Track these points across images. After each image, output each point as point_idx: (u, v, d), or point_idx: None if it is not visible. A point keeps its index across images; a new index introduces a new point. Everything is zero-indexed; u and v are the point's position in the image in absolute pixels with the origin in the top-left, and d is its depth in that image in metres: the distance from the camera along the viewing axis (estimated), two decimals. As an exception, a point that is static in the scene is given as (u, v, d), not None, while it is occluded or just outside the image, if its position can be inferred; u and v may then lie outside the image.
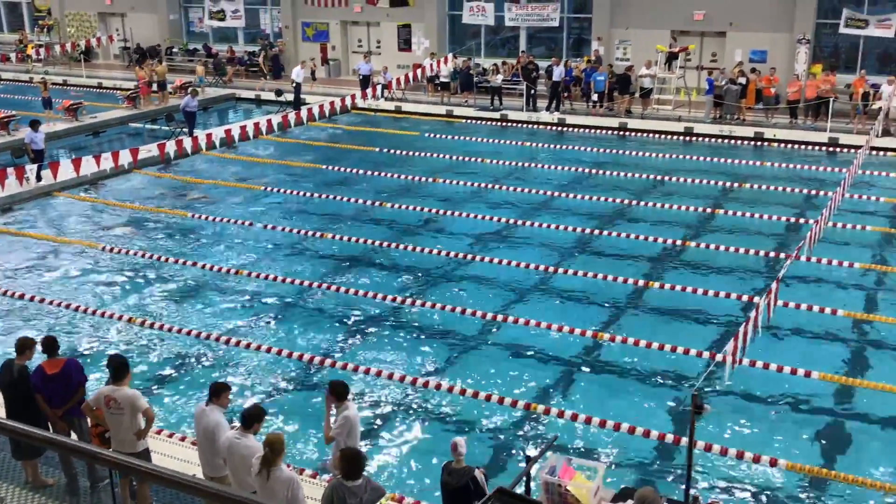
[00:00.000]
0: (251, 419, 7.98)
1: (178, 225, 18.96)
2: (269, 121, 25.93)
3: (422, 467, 10.18)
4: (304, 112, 26.85)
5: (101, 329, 13.84)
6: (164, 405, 11.56)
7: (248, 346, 13.06)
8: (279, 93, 30.76)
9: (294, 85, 29.76)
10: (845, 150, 23.72)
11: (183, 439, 10.32)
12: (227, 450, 7.94)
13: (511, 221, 18.61)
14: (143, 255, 16.84)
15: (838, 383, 11.88)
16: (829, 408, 11.45)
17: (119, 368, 8.60)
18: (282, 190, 21.09)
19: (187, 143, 23.76)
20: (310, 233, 18.01)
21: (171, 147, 23.33)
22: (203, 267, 16.21)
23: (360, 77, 31.42)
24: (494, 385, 11.94)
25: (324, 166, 23.24)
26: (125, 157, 21.47)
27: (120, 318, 14.06)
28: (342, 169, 22.87)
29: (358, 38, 36.02)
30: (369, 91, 29.04)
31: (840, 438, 10.85)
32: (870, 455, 10.40)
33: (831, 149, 24.27)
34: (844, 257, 16.00)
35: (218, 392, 8.40)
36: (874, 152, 22.60)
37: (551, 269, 15.95)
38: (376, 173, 22.43)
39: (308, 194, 20.78)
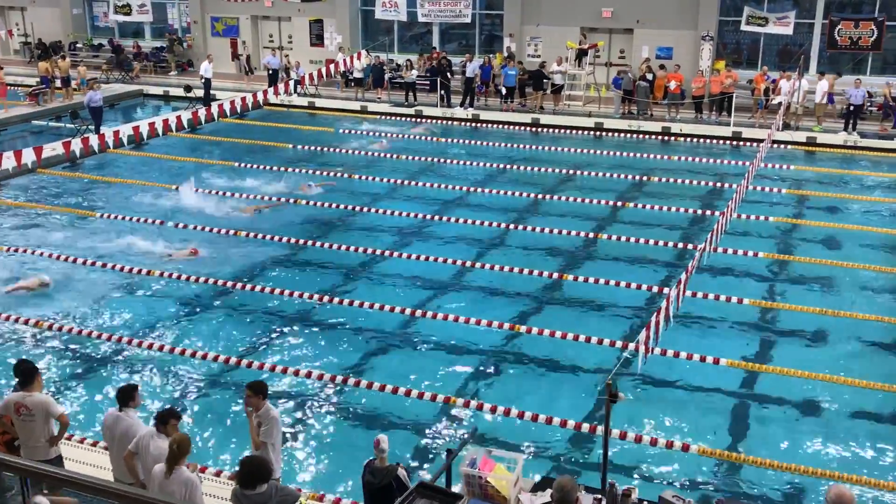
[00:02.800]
0: (165, 419, 7.87)
1: (87, 225, 18.42)
2: (178, 117, 25.36)
3: (343, 466, 10.14)
4: (214, 108, 26.37)
5: (5, 335, 13.36)
6: (74, 410, 11.24)
7: (161, 348, 12.79)
8: (188, 88, 30.13)
9: (203, 81, 29.18)
10: (748, 143, 24.54)
11: (95, 444, 10.06)
12: (143, 448, 7.81)
13: (428, 217, 18.68)
14: (49, 256, 16.30)
15: (745, 369, 12.33)
16: (737, 393, 11.87)
17: (27, 374, 8.35)
18: (194, 188, 20.68)
19: (94, 140, 23.08)
20: (223, 231, 17.73)
21: (76, 145, 22.63)
22: (113, 268, 15.79)
23: (270, 72, 31.04)
24: (414, 380, 11.98)
25: (236, 163, 22.89)
26: (28, 156, 20.69)
27: (27, 321, 13.61)
28: (256, 166, 22.56)
29: (269, 33, 35.57)
30: (281, 87, 28.72)
31: (747, 422, 11.26)
32: (775, 437, 10.82)
33: (735, 143, 25.08)
34: (749, 247, 16.59)
35: (128, 395, 8.24)
36: (775, 145, 23.43)
37: (468, 263, 16.09)
38: (291, 170, 22.20)
39: (221, 192, 20.44)
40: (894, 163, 23.20)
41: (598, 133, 26.34)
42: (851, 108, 24.66)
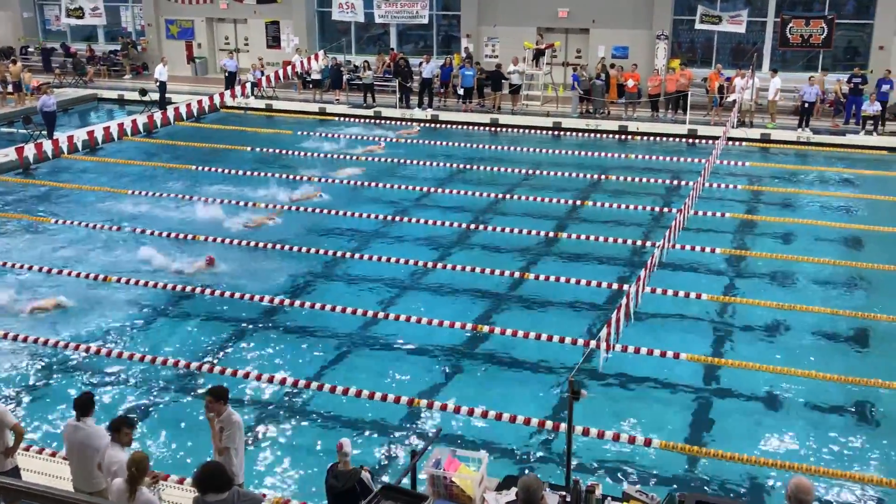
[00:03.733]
0: (118, 427, 7.81)
1: (43, 231, 18.12)
2: (133, 121, 25.08)
3: (307, 470, 10.10)
4: (170, 112, 26.07)
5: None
6: (29, 421, 11.06)
7: (119, 355, 12.61)
8: (143, 92, 29.77)
9: (159, 84, 28.84)
10: (704, 141, 24.87)
11: (54, 455, 9.90)
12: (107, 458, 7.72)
13: (388, 218, 18.65)
14: (2, 265, 16.01)
15: (704, 364, 12.48)
16: (698, 387, 12.00)
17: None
18: (150, 193, 20.44)
19: (47, 146, 22.71)
20: (181, 236, 17.54)
21: (30, 151, 22.24)
22: (69, 274, 15.55)
23: (227, 74, 30.78)
24: (377, 383, 11.94)
25: (193, 167, 22.66)
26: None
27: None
28: (214, 169, 22.36)
29: (225, 35, 35.27)
30: (238, 89, 28.49)
31: (708, 416, 11.39)
32: (735, 430, 10.97)
33: (691, 140, 25.40)
34: (707, 243, 16.80)
35: (86, 405, 8.13)
36: (731, 143, 23.77)
37: (429, 264, 16.09)
38: (249, 173, 22.03)
39: (179, 196, 20.22)
40: (846, 158, 23.65)
41: (556, 132, 26.50)
42: (805, 105, 25.08)
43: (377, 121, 28.16)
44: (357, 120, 28.32)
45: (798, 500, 6.54)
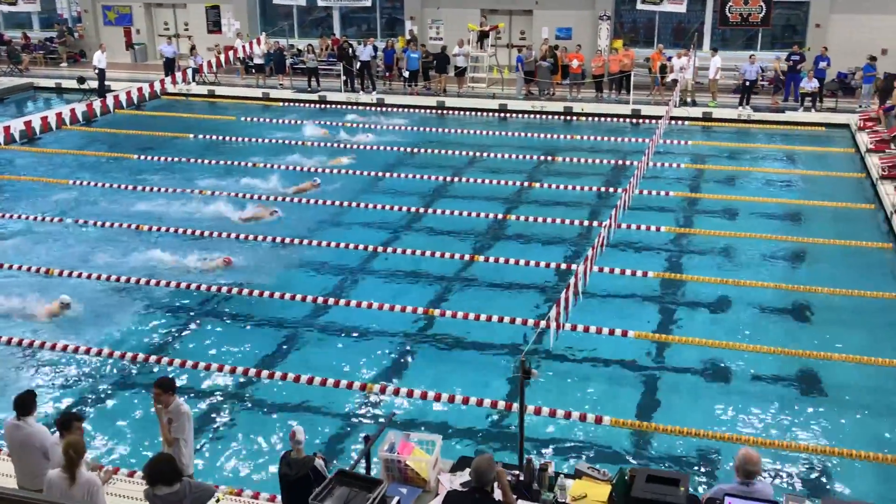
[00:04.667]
0: (68, 423, 7.64)
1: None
2: (72, 110, 24.54)
3: (260, 459, 10.04)
4: (110, 100, 25.55)
5: None
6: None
7: (64, 348, 12.36)
8: (81, 80, 29.09)
9: (97, 71, 28.19)
10: (647, 120, 25.13)
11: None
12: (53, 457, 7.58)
13: (337, 204, 18.53)
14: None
15: (652, 340, 12.67)
16: (646, 364, 12.19)
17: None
18: (92, 182, 20.03)
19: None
20: (125, 225, 17.23)
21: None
22: (10, 268, 15.19)
23: (165, 60, 30.21)
24: (329, 369, 11.90)
25: (135, 156, 22.25)
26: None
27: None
28: (156, 158, 21.98)
29: (164, 20, 34.62)
30: (179, 75, 27.99)
31: (657, 391, 11.57)
32: (684, 405, 11.17)
33: (635, 120, 25.65)
34: (652, 222, 17.03)
35: (27, 403, 7.96)
36: (673, 122, 24.07)
37: (379, 248, 16.05)
38: (193, 160, 21.71)
39: (121, 186, 19.84)
40: (786, 135, 24.12)
41: (502, 114, 26.55)
42: (746, 83, 25.49)
43: (322, 105, 27.92)
44: (302, 105, 28.06)
45: (746, 471, 6.72)
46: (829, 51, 25.78)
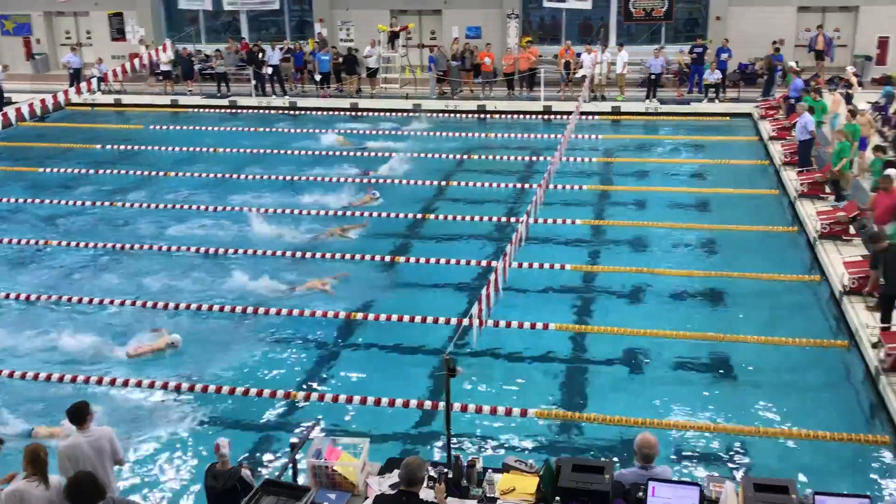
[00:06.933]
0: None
1: None
2: (-30, 124, 23.60)
3: (185, 473, 9.85)
4: (11, 112, 24.69)
5: None
6: None
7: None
8: (-21, 93, 28.01)
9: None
10: (559, 116, 25.52)
11: None
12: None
13: (255, 211, 18.25)
14: None
15: (573, 332, 12.89)
16: (568, 355, 12.39)
17: None
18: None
19: None
20: (32, 241, 16.68)
21: None
22: None
23: (71, 70, 29.32)
24: (252, 378, 11.77)
25: (40, 169, 21.55)
26: None
27: None
28: (61, 170, 21.34)
29: (65, 29, 33.59)
30: (84, 85, 27.20)
31: (580, 382, 11.78)
32: (606, 393, 11.39)
33: (546, 117, 26.01)
34: (567, 216, 17.31)
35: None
36: (584, 117, 24.49)
37: (298, 254, 15.89)
38: (101, 172, 21.15)
39: (25, 200, 19.18)
40: (691, 126, 24.79)
41: (416, 114, 26.60)
42: (651, 76, 26.09)
43: (234, 111, 27.53)
44: (211, 110, 27.60)
45: (643, 454, 7.01)
46: (730, 42, 26.58)
